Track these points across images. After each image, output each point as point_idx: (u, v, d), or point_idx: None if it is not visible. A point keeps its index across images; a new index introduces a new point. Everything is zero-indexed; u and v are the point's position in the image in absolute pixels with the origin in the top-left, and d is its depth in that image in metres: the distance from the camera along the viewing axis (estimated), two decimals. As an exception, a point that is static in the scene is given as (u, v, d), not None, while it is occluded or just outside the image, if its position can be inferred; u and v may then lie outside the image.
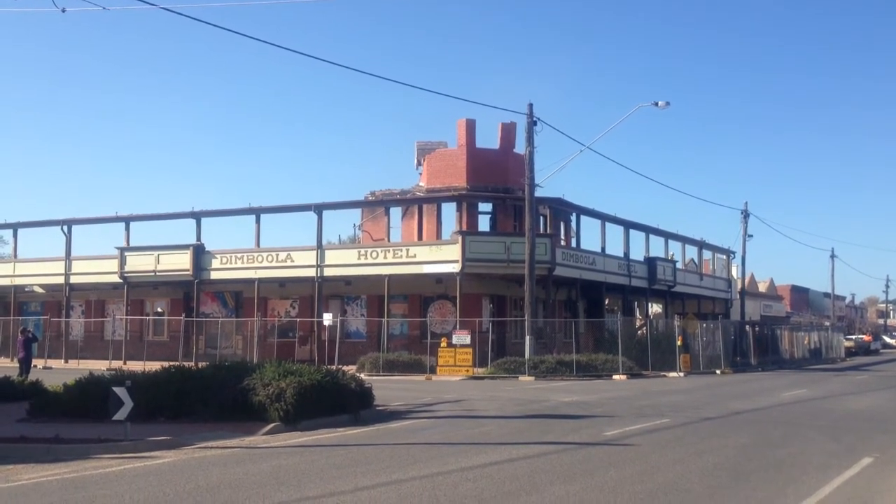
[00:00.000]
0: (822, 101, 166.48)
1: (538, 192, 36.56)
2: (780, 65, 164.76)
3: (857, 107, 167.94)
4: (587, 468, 11.13)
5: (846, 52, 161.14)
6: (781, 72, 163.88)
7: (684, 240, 54.56)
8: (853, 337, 78.59)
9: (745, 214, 55.98)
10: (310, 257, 40.55)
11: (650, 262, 48.34)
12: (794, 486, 10.02)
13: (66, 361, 42.23)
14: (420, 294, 41.14)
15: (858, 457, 12.32)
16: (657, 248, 50.87)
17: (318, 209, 40.89)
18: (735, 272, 63.47)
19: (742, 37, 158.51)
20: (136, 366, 31.02)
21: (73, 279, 45.96)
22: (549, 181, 64.82)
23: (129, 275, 43.77)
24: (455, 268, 37.21)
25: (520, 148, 40.55)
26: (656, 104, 36.21)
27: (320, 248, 40.75)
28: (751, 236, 56.18)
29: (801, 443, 13.97)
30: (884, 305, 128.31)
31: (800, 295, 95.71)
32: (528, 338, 34.52)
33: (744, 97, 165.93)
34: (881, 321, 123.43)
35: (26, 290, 49.26)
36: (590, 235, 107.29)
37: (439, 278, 39.06)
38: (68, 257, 46.19)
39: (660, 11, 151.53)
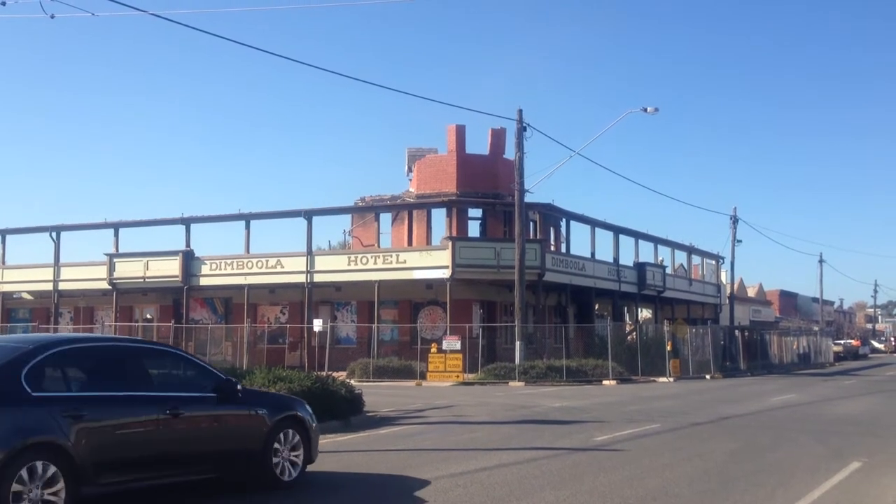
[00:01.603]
0: (811, 105, 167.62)
1: (528, 198, 36.65)
2: (768, 69, 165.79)
3: (846, 110, 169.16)
4: (577, 473, 11.14)
5: (835, 54, 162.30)
6: (770, 76, 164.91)
7: (674, 245, 54.74)
8: (842, 342, 78.88)
9: (734, 220, 56.32)
10: (300, 263, 40.49)
11: (640, 268, 48.48)
12: (783, 490, 10.06)
13: (55, 368, 41.97)
14: (410, 300, 41.16)
15: (847, 461, 12.36)
16: (647, 253, 51.12)
17: (308, 215, 40.88)
18: (724, 277, 63.75)
19: (731, 41, 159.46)
20: (124, 372, 30.87)
21: (62, 286, 45.75)
22: (539, 186, 64.93)
23: (119, 281, 43.63)
24: (445, 273, 37.23)
25: (509, 153, 40.67)
26: (645, 110, 36.41)
27: (310, 254, 40.71)
28: (740, 241, 56.60)
29: (790, 447, 14.01)
30: (872, 310, 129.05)
31: (788, 300, 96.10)
32: (517, 343, 34.55)
33: (732, 102, 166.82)
34: (869, 326, 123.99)
35: (14, 296, 49.04)
36: (579, 240, 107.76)
37: (429, 284, 39.07)
38: (57, 264, 45.96)
39: (653, 14, 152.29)
